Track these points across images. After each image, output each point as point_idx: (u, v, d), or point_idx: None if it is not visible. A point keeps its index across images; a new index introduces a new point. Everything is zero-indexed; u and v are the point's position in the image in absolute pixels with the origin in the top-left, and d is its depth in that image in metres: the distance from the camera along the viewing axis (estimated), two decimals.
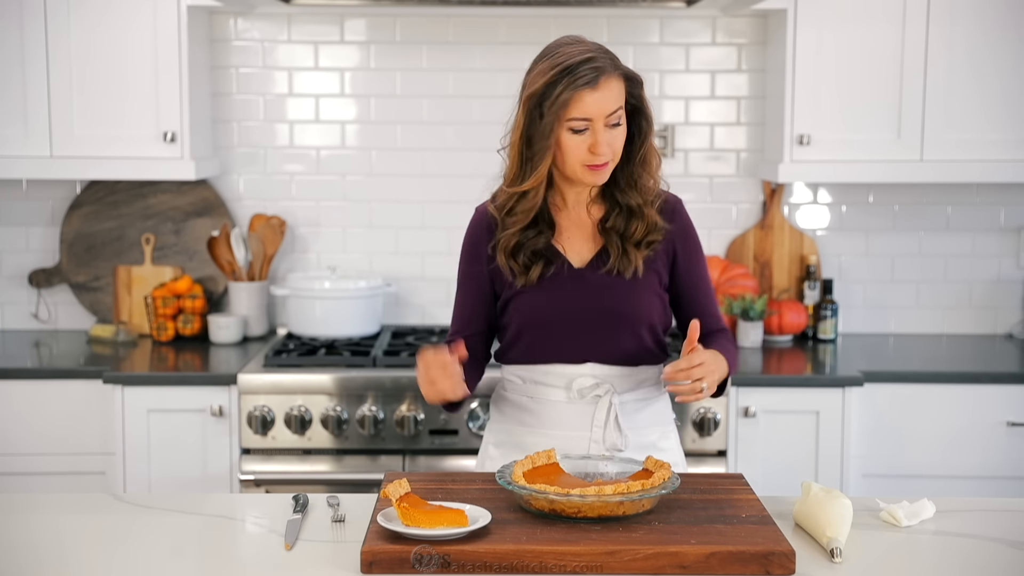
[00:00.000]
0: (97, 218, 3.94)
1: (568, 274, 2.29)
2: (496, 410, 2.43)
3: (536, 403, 2.33)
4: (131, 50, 3.56)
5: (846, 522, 1.97)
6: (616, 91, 2.18)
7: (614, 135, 2.20)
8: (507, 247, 2.28)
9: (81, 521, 2.10)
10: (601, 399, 2.29)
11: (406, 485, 1.93)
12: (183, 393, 3.35)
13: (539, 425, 2.33)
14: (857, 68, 3.56)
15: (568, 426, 2.30)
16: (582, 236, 2.32)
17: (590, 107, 2.16)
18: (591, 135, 2.17)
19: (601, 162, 2.20)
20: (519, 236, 2.28)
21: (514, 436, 2.36)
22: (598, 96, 2.15)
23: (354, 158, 3.96)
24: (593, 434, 2.29)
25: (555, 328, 2.29)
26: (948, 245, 3.97)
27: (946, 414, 3.40)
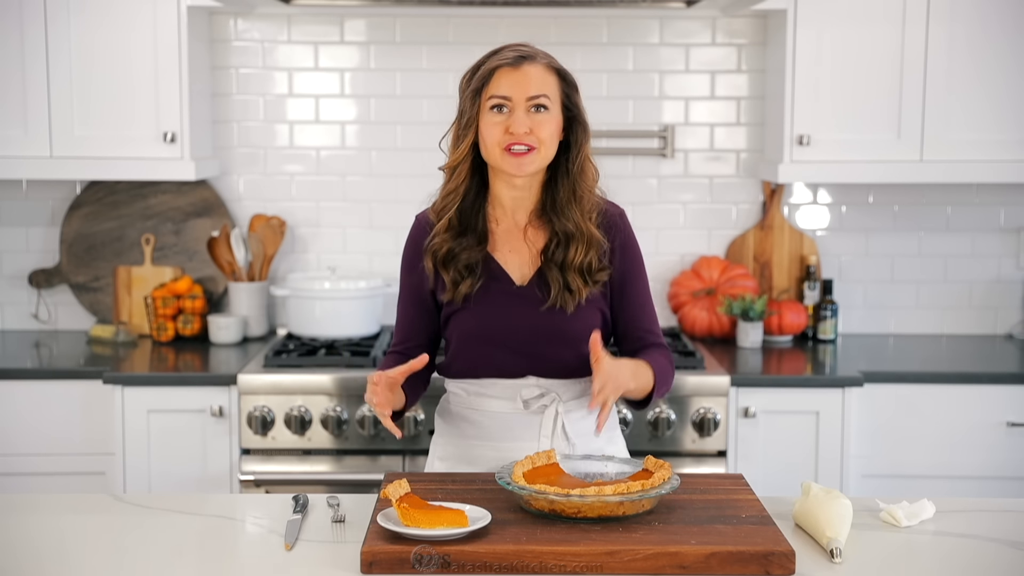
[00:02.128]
0: (97, 218, 3.94)
1: (509, 291, 2.26)
2: (442, 422, 2.39)
3: (481, 415, 2.30)
4: (131, 50, 3.56)
5: (846, 522, 1.97)
6: (540, 78, 2.19)
7: (537, 121, 2.18)
8: (437, 253, 2.25)
9: (81, 521, 2.10)
10: (547, 408, 2.26)
11: (406, 485, 1.93)
12: (183, 393, 3.35)
13: (486, 437, 2.30)
14: (857, 68, 3.56)
15: (515, 436, 2.27)
16: (520, 251, 2.29)
17: (509, 86, 2.18)
18: (509, 116, 2.18)
19: (520, 145, 2.17)
20: (451, 243, 2.25)
21: (460, 448, 2.33)
22: (518, 76, 2.18)
23: (354, 158, 3.96)
24: (540, 444, 2.26)
25: (495, 345, 2.25)
26: (948, 245, 3.97)
27: (946, 414, 3.40)
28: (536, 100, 2.18)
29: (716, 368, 3.40)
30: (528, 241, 2.28)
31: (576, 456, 2.18)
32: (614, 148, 3.92)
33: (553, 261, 2.25)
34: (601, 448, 2.33)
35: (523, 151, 2.19)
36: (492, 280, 2.26)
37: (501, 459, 2.27)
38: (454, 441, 2.35)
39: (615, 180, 3.91)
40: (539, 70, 2.20)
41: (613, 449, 2.37)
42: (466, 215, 2.28)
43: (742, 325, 3.73)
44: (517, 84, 2.18)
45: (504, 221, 2.30)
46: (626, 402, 2.30)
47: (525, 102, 2.18)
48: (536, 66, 2.20)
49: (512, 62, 2.19)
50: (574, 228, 2.23)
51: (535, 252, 2.28)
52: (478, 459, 2.30)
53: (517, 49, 2.22)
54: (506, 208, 2.30)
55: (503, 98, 2.18)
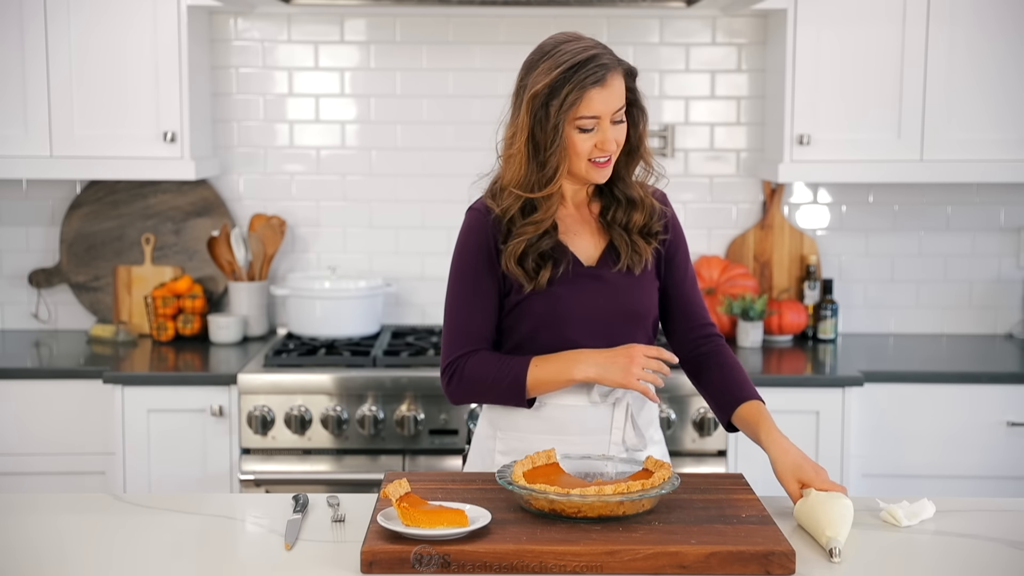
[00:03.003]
0: (97, 218, 3.94)
1: (579, 272, 2.26)
2: (501, 417, 2.32)
3: (552, 409, 2.27)
4: (131, 50, 3.56)
5: (846, 522, 1.97)
6: (620, 87, 2.18)
7: (619, 130, 2.19)
8: (515, 253, 2.22)
9: (81, 521, 2.10)
10: (619, 401, 2.27)
11: (406, 485, 1.93)
12: (183, 393, 3.35)
13: (555, 431, 2.27)
14: (857, 68, 3.56)
15: (586, 430, 2.27)
16: (586, 233, 2.30)
17: (598, 105, 2.14)
18: (599, 133, 2.17)
19: (606, 159, 2.20)
20: (526, 240, 2.22)
21: (527, 443, 2.28)
22: (606, 94, 2.14)
23: (354, 158, 3.96)
24: (613, 436, 2.26)
25: (571, 329, 2.25)
26: (948, 245, 3.97)
27: (946, 414, 3.40)
28: (618, 113, 2.18)
29: None
30: (584, 218, 2.30)
31: (576, 456, 2.18)
32: None
33: (616, 223, 2.27)
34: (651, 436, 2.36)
35: (605, 161, 2.20)
36: (564, 264, 2.26)
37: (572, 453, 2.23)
38: (519, 435, 2.30)
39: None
40: (618, 79, 2.17)
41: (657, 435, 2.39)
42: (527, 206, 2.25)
43: (742, 325, 3.73)
44: (604, 102, 2.15)
45: (565, 207, 2.30)
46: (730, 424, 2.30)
47: (611, 115, 2.17)
48: (616, 76, 2.16)
49: (600, 81, 2.13)
50: (635, 195, 2.27)
51: (594, 224, 2.29)
52: None
53: (597, 61, 2.14)
54: (567, 197, 2.30)
55: (592, 118, 2.15)
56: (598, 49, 2.17)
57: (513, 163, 2.21)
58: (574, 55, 2.14)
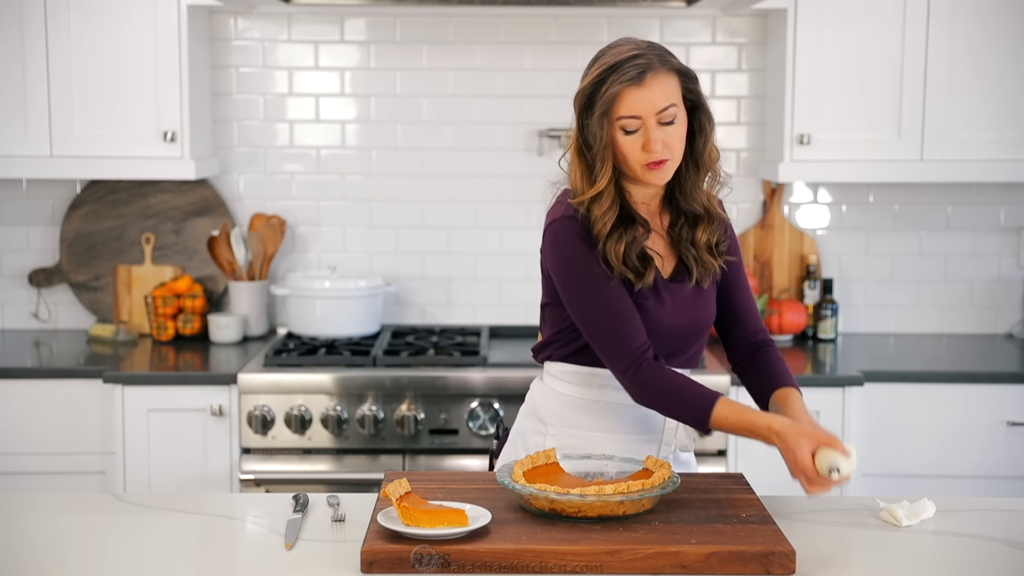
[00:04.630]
0: (97, 218, 3.94)
1: (664, 287, 2.23)
2: (552, 412, 2.31)
3: (607, 407, 2.27)
4: (131, 49, 3.56)
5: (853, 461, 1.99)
6: (665, 87, 2.12)
7: (668, 132, 2.13)
8: (618, 253, 2.16)
9: (81, 521, 2.10)
10: None
11: (406, 485, 1.93)
12: (183, 393, 3.35)
13: (608, 429, 2.27)
14: (857, 68, 3.56)
15: (639, 430, 2.27)
16: (659, 245, 2.26)
17: (638, 105, 2.11)
18: (644, 133, 2.12)
19: (658, 160, 2.14)
20: (624, 237, 2.17)
21: (578, 439, 2.27)
22: (645, 93, 2.10)
23: (354, 158, 3.96)
24: (665, 436, 2.27)
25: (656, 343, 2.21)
26: (948, 245, 3.97)
27: (946, 414, 3.40)
28: (664, 113, 2.12)
29: (716, 367, 3.40)
30: (657, 229, 2.27)
31: (576, 455, 2.18)
32: None
33: (683, 238, 2.25)
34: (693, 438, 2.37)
35: (659, 163, 2.14)
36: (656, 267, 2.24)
37: (623, 453, 2.23)
38: (571, 432, 2.29)
39: None
40: (661, 79, 2.12)
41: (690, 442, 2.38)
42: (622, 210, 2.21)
43: None
44: (644, 102, 2.10)
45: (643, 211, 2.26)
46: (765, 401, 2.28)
47: (654, 116, 2.11)
48: (658, 76, 2.11)
49: (636, 80, 2.10)
50: (701, 210, 2.24)
51: (664, 237, 2.27)
52: (597, 451, 2.24)
53: (636, 61, 2.11)
54: (637, 202, 2.25)
55: (633, 118, 2.11)
56: (644, 50, 2.13)
57: (571, 167, 2.20)
58: (616, 56, 2.12)
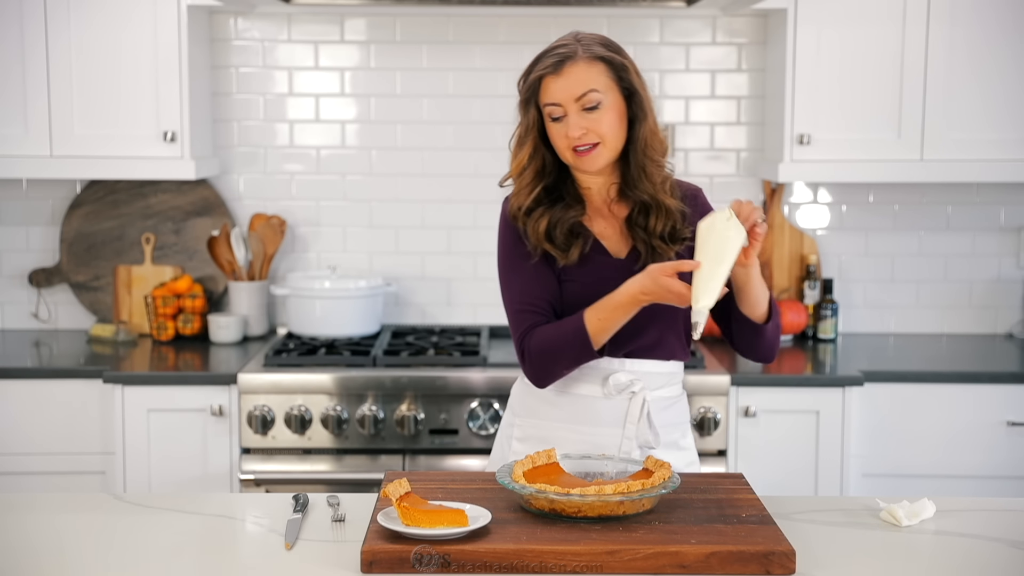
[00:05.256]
0: (97, 218, 3.94)
1: (609, 263, 2.28)
2: (521, 404, 2.38)
3: (568, 398, 2.30)
4: (131, 50, 3.56)
5: (716, 284, 2.02)
6: (585, 75, 2.19)
7: (593, 119, 2.20)
8: (538, 229, 2.25)
9: (81, 521, 2.10)
10: (635, 395, 2.28)
11: (406, 485, 1.93)
12: (183, 393, 3.35)
13: (570, 420, 2.30)
14: (857, 68, 3.56)
15: (601, 422, 2.29)
16: (614, 230, 2.31)
17: (556, 92, 2.20)
18: (565, 120, 2.20)
19: (582, 144, 2.20)
20: (549, 213, 2.26)
21: (543, 431, 2.32)
22: (562, 81, 2.19)
23: (354, 158, 3.96)
24: (626, 431, 2.28)
25: None
26: (948, 245, 3.97)
27: (946, 414, 3.40)
28: (584, 100, 2.19)
29: (716, 367, 3.40)
30: (614, 215, 2.31)
31: (576, 455, 2.18)
32: None
33: (638, 226, 2.28)
34: (676, 441, 2.36)
35: (587, 149, 2.21)
36: (595, 252, 2.28)
37: (585, 444, 2.27)
38: (536, 423, 2.33)
39: None
40: (582, 67, 2.20)
41: (686, 442, 2.39)
42: (554, 187, 2.29)
43: None
44: (562, 89, 2.19)
45: (592, 199, 2.32)
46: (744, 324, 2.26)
47: (575, 104, 2.19)
48: (578, 64, 2.20)
49: (553, 68, 2.20)
50: (649, 200, 2.26)
51: (619, 224, 2.30)
52: (561, 442, 2.28)
53: (557, 51, 2.21)
54: (592, 188, 2.32)
55: (554, 105, 2.20)
56: (571, 40, 2.23)
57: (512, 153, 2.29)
58: (548, 47, 2.23)
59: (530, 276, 2.28)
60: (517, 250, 2.29)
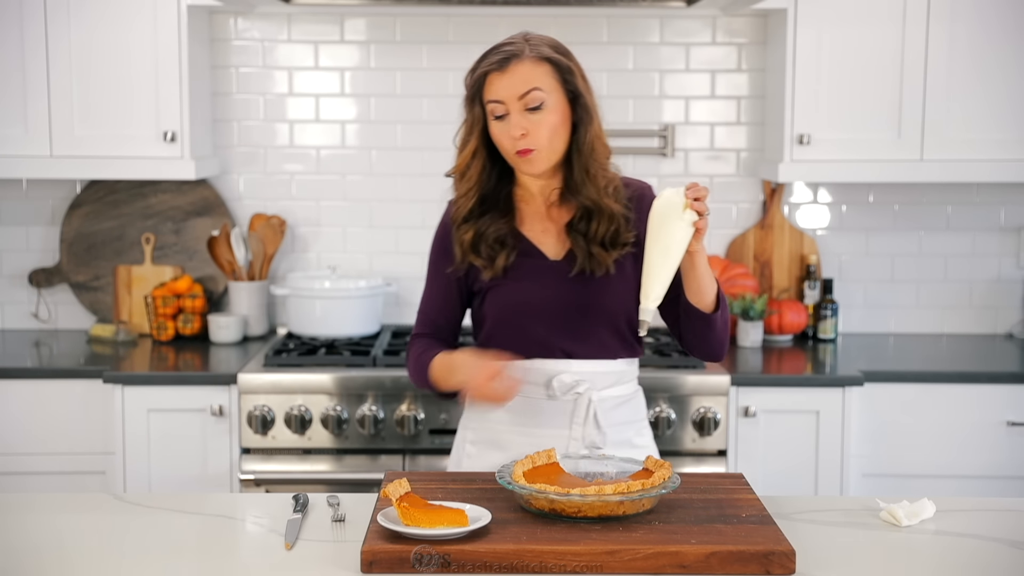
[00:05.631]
0: (97, 218, 3.94)
1: (544, 265, 2.28)
2: (473, 408, 2.39)
3: (516, 400, 2.29)
4: (131, 50, 3.56)
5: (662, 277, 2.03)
6: (529, 74, 2.18)
7: (534, 121, 2.18)
8: (464, 242, 2.27)
9: (81, 521, 2.10)
10: (580, 396, 2.28)
11: (406, 485, 1.93)
12: (183, 393, 3.35)
13: (518, 423, 2.31)
14: (857, 68, 3.56)
15: (547, 423, 2.30)
16: (552, 232, 2.30)
17: (499, 90, 2.18)
18: (508, 119, 2.19)
19: (523, 147, 2.19)
20: (476, 226, 2.27)
21: (492, 433, 2.34)
22: (506, 79, 2.18)
23: (354, 158, 3.96)
24: (572, 431, 2.28)
25: (534, 321, 2.27)
26: (948, 245, 3.97)
27: (946, 414, 3.40)
28: (527, 99, 2.17)
29: (716, 367, 3.40)
30: (553, 219, 2.30)
31: (576, 455, 2.18)
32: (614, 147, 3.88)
33: (578, 231, 2.27)
34: (630, 439, 2.35)
35: (528, 151, 2.20)
36: (527, 256, 2.28)
37: (533, 445, 2.27)
38: (486, 426, 2.36)
39: None
40: (527, 66, 2.18)
41: (641, 440, 2.39)
42: (488, 197, 2.29)
43: (742, 324, 3.73)
44: (506, 87, 2.18)
45: (532, 202, 2.32)
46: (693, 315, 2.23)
47: (517, 103, 2.18)
48: (523, 63, 2.18)
49: (498, 66, 2.19)
50: (592, 204, 2.25)
51: (562, 228, 2.30)
52: (509, 444, 2.30)
53: (504, 48, 2.20)
54: (532, 190, 2.31)
55: (497, 103, 2.19)
56: (518, 39, 2.21)
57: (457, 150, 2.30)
58: (495, 44, 2.23)
59: (439, 292, 2.36)
60: (440, 260, 2.34)
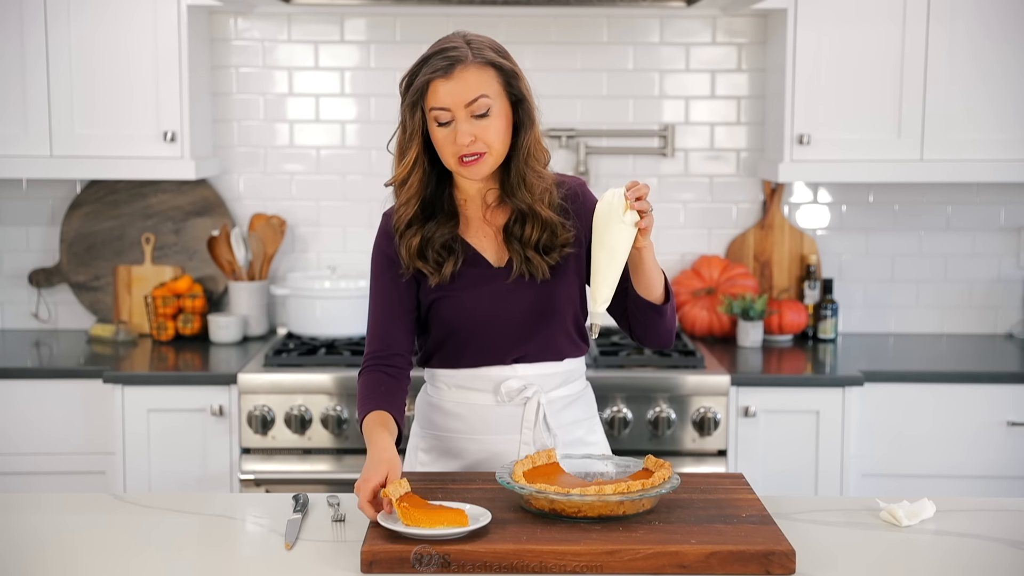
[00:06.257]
0: (97, 218, 3.94)
1: (488, 272, 2.25)
2: (423, 415, 2.38)
3: (464, 408, 2.30)
4: (131, 50, 3.56)
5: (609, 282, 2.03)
6: (475, 80, 2.12)
7: (481, 127, 2.13)
8: (411, 247, 2.22)
9: (81, 521, 2.10)
10: (529, 400, 2.27)
11: (406, 485, 1.93)
12: (183, 393, 3.35)
13: (468, 431, 2.30)
14: (857, 68, 3.56)
15: (497, 430, 2.28)
16: (490, 237, 2.27)
17: (445, 97, 2.12)
18: (453, 125, 2.14)
19: (469, 153, 2.14)
20: (421, 231, 2.22)
21: (443, 442, 2.33)
22: (452, 85, 2.11)
23: (354, 158, 3.96)
24: (523, 436, 2.27)
25: (479, 329, 2.25)
26: (948, 245, 3.97)
27: (946, 414, 3.40)
28: (474, 106, 2.12)
29: (716, 367, 3.41)
30: (490, 223, 2.27)
31: (577, 455, 2.18)
32: (614, 147, 3.93)
33: (513, 235, 2.24)
34: (581, 438, 2.34)
35: (473, 159, 2.15)
36: (470, 265, 2.25)
37: (484, 452, 2.28)
38: (436, 434, 2.35)
39: (615, 179, 3.94)
40: (472, 71, 2.12)
41: (593, 437, 2.37)
42: (430, 202, 2.24)
43: (742, 324, 3.73)
44: (452, 93, 2.11)
45: (471, 205, 2.28)
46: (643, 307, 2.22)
47: (464, 109, 2.12)
48: (469, 68, 2.12)
49: (443, 72, 2.12)
50: (526, 208, 2.21)
51: (498, 231, 2.26)
52: (461, 452, 2.30)
53: (447, 54, 2.13)
54: (470, 192, 2.27)
55: (442, 110, 2.13)
56: (459, 43, 2.15)
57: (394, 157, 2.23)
58: (434, 48, 2.16)
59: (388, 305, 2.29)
60: (386, 271, 2.28)
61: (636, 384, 3.32)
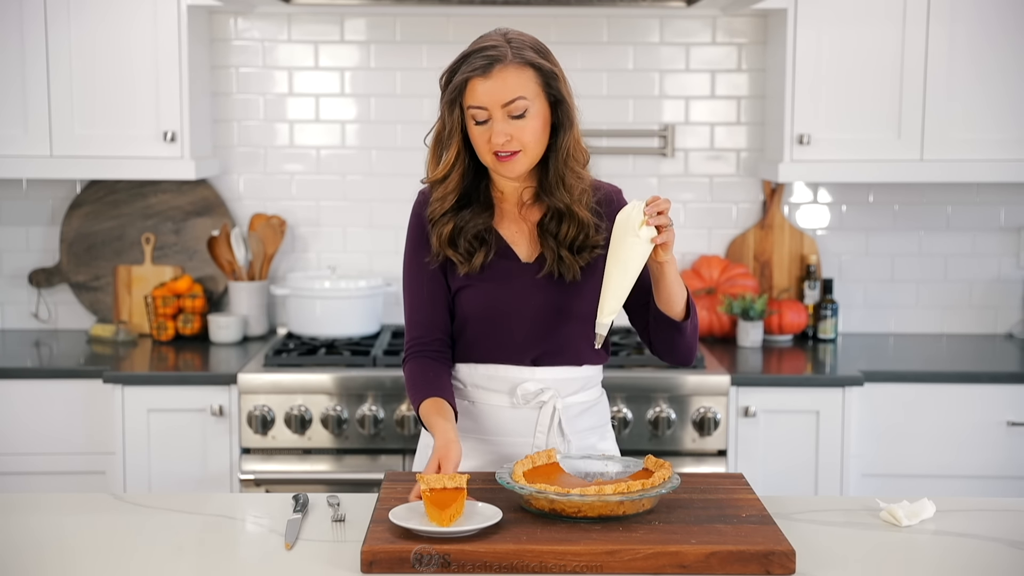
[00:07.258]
0: (97, 218, 3.94)
1: (517, 268, 2.25)
2: None
3: (477, 408, 2.29)
4: (131, 50, 3.56)
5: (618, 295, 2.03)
6: (514, 81, 2.13)
7: (518, 126, 2.14)
8: (442, 235, 2.23)
9: (81, 521, 2.10)
10: (545, 404, 2.26)
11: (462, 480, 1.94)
12: (183, 393, 3.35)
13: (480, 431, 2.29)
14: (857, 68, 3.56)
15: (510, 432, 2.28)
16: (524, 234, 2.28)
17: (483, 96, 2.13)
18: (489, 123, 2.15)
19: (504, 152, 2.15)
20: (454, 219, 2.23)
21: None
22: (490, 85, 2.12)
23: (354, 158, 3.96)
24: (536, 440, 2.27)
25: (501, 320, 2.25)
26: (948, 245, 3.97)
27: (946, 414, 3.40)
28: (511, 107, 2.13)
29: (716, 367, 3.41)
30: (525, 219, 2.28)
31: (576, 456, 2.18)
32: (614, 147, 3.93)
33: (548, 232, 2.24)
34: (593, 445, 2.33)
35: (508, 156, 2.16)
36: (500, 257, 2.25)
37: (495, 453, 2.28)
38: None
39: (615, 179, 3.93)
40: (511, 71, 2.13)
41: (604, 445, 2.37)
42: (466, 192, 2.25)
43: (742, 324, 3.73)
44: (489, 93, 2.13)
45: (506, 200, 2.29)
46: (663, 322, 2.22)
47: (501, 109, 2.13)
48: (507, 68, 2.13)
49: (482, 71, 2.13)
50: (564, 208, 2.22)
51: (534, 228, 2.27)
52: (471, 452, 2.29)
53: (486, 52, 2.14)
54: (505, 190, 2.28)
55: (480, 108, 2.14)
56: (499, 42, 2.15)
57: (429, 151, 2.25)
58: (474, 45, 2.17)
59: (425, 286, 2.28)
60: (419, 257, 2.28)
61: (636, 384, 3.32)
